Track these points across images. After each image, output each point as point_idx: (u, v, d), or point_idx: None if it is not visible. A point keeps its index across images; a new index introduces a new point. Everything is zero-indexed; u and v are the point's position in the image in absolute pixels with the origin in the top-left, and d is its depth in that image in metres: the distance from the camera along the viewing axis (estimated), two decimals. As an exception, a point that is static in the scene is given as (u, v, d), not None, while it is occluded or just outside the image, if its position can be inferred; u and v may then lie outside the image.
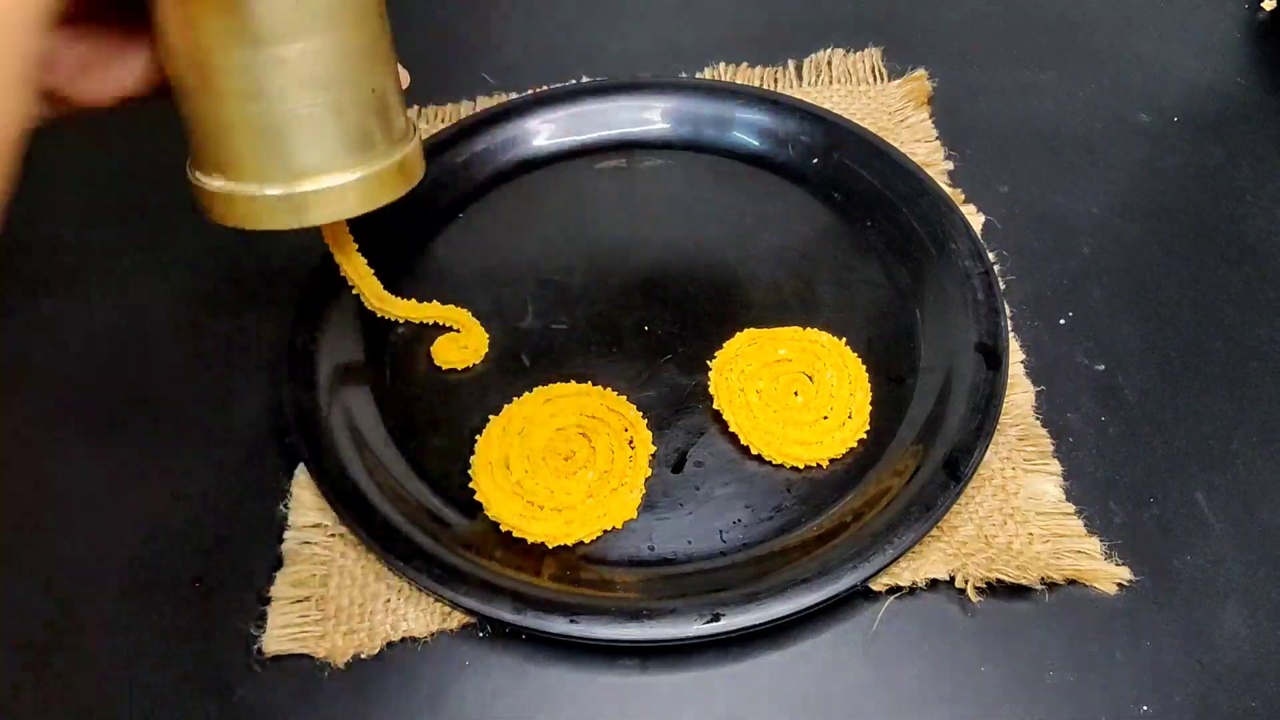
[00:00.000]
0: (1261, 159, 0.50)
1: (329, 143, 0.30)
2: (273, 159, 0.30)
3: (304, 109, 0.29)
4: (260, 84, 0.29)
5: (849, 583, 0.34)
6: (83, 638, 0.36)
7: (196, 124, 0.30)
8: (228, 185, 0.31)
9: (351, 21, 0.30)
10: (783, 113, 0.50)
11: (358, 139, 0.31)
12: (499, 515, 0.37)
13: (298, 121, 0.30)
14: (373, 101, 0.31)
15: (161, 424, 0.42)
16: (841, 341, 0.42)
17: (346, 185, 0.31)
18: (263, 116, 0.29)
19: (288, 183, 0.30)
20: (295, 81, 0.29)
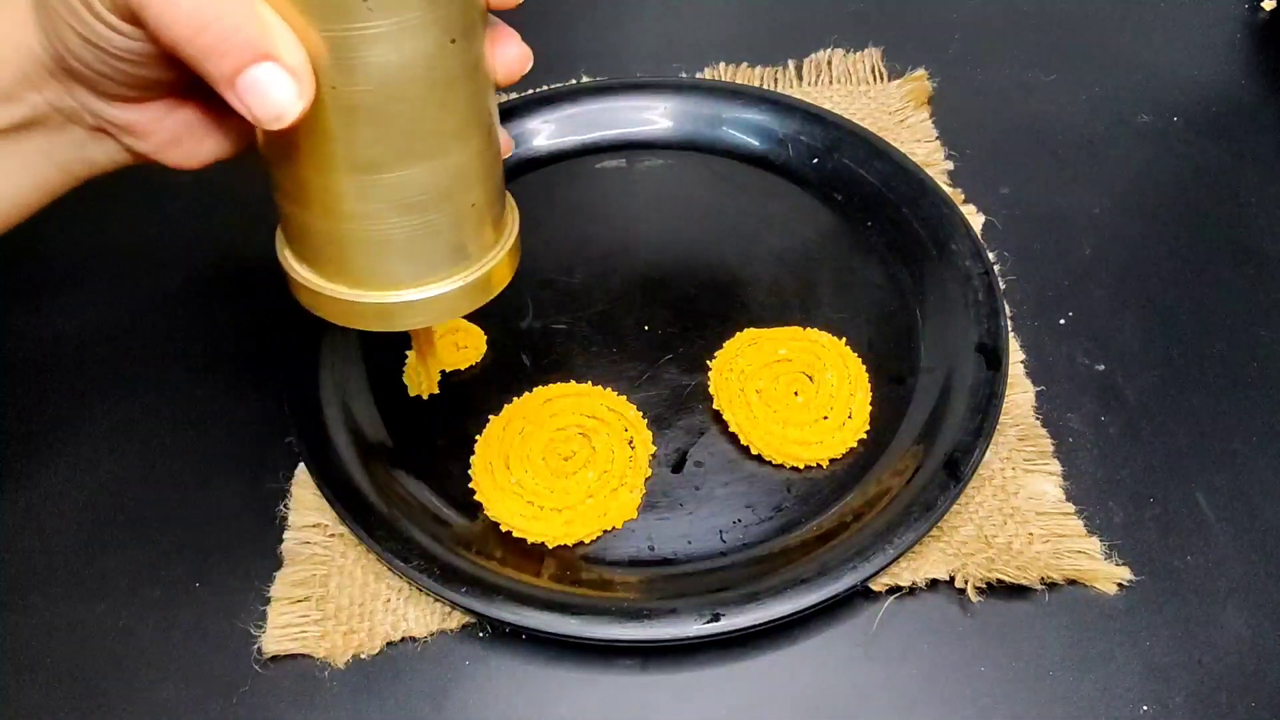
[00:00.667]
0: (1262, 159, 0.50)
1: (421, 260, 0.30)
2: (363, 271, 0.30)
3: (398, 231, 0.29)
4: (353, 205, 0.28)
5: (849, 583, 0.34)
6: (83, 638, 0.36)
7: (289, 219, 0.30)
8: (317, 281, 0.30)
9: (455, 146, 0.28)
10: (783, 113, 0.50)
11: (452, 253, 0.30)
12: (499, 515, 0.37)
13: (390, 242, 0.29)
14: (471, 216, 0.30)
15: (161, 424, 0.42)
16: (841, 341, 0.42)
17: (437, 298, 0.30)
18: (355, 233, 0.29)
19: (378, 293, 0.30)
20: (392, 206, 0.28)
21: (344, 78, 0.25)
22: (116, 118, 0.29)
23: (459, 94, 0.28)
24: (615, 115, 0.51)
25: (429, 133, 0.28)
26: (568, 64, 0.55)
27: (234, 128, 0.30)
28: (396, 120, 0.27)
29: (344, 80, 0.25)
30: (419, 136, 0.27)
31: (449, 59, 0.27)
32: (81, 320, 0.46)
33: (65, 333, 0.46)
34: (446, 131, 0.28)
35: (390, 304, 0.30)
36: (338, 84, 0.26)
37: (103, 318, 0.46)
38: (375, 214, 0.28)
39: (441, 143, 0.28)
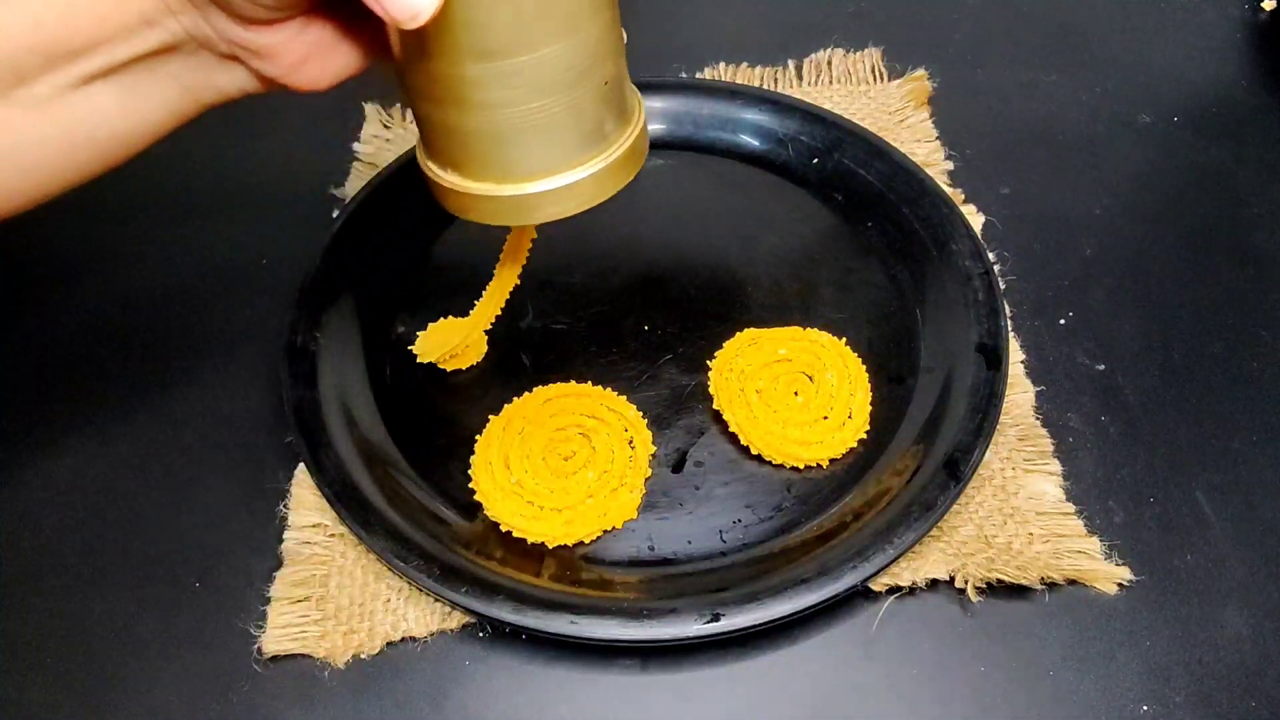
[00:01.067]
0: (1262, 159, 0.50)
1: (564, 143, 0.30)
2: (508, 162, 0.30)
3: (539, 115, 0.29)
4: (494, 94, 0.28)
5: (849, 583, 0.34)
6: (83, 638, 0.36)
7: (429, 124, 0.30)
8: (462, 182, 0.30)
9: (586, 21, 0.28)
10: (783, 113, 0.50)
11: (592, 133, 0.30)
12: (499, 515, 0.37)
13: (533, 127, 0.29)
14: (606, 93, 0.30)
15: (161, 423, 0.42)
16: (841, 341, 0.42)
17: (581, 181, 0.30)
18: (497, 123, 0.29)
19: (522, 183, 0.30)
20: (529, 89, 0.28)
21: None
22: (250, 41, 0.30)
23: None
24: (615, 115, 0.51)
25: (562, 10, 0.27)
26: (568, 64, 0.55)
27: (362, 41, 0.31)
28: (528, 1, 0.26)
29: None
30: (552, 15, 0.27)
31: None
32: (81, 320, 0.46)
33: (65, 332, 0.46)
34: (579, 7, 0.28)
35: (536, 193, 0.30)
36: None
37: (102, 317, 0.46)
38: (515, 99, 0.28)
39: (574, 19, 0.28)
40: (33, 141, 0.29)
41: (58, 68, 0.28)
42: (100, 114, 0.30)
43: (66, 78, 0.29)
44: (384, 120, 0.53)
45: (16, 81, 0.28)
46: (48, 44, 0.28)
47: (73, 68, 0.29)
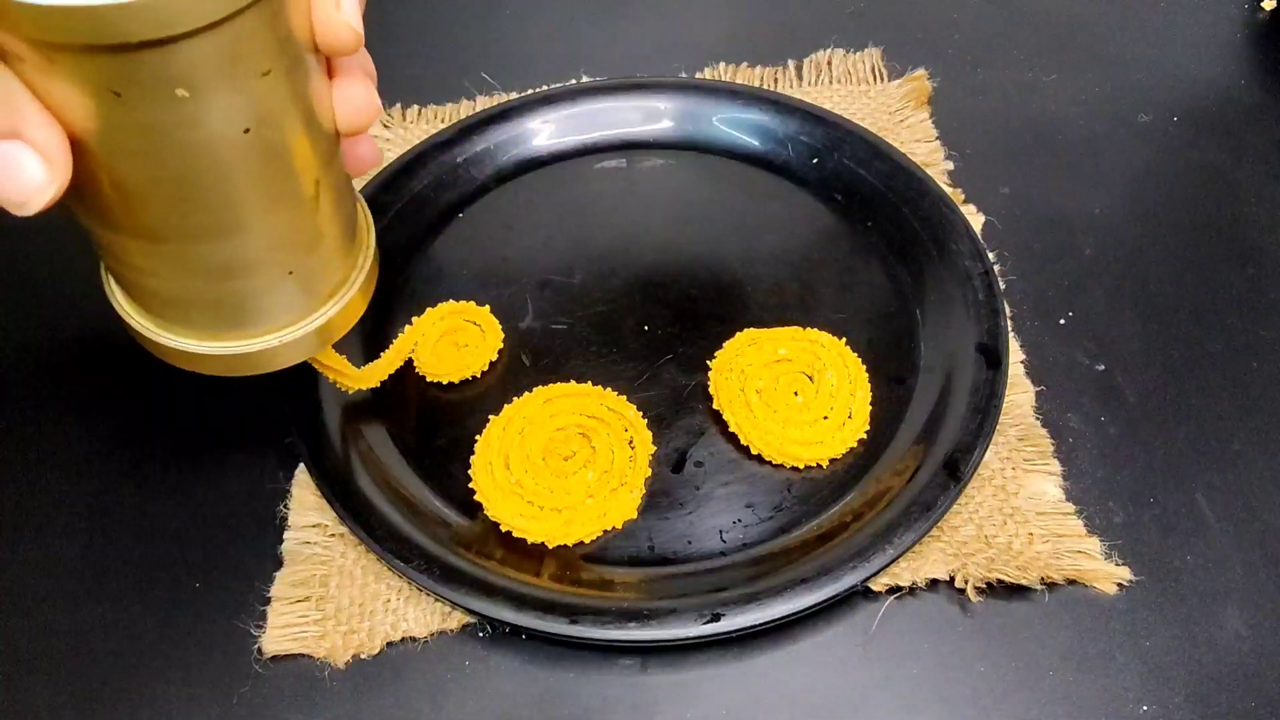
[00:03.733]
0: (1262, 159, 0.50)
1: (233, 320, 0.28)
2: (164, 317, 0.29)
3: (202, 294, 0.27)
4: (151, 266, 0.27)
5: (849, 583, 0.34)
6: (83, 638, 0.36)
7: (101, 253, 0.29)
8: (131, 313, 0.29)
9: (256, 221, 0.26)
10: (783, 113, 0.50)
11: (268, 313, 0.29)
12: (499, 515, 0.37)
13: (196, 302, 0.28)
14: (288, 282, 0.28)
15: (161, 423, 0.42)
16: (841, 341, 0.42)
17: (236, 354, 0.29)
18: (155, 289, 0.28)
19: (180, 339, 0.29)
20: (187, 271, 0.26)
21: (115, 161, 0.23)
22: None
23: (258, 176, 0.25)
24: (615, 115, 0.51)
25: (219, 213, 0.25)
26: (568, 64, 0.55)
27: None
28: (179, 203, 0.24)
29: (115, 161, 0.23)
30: (208, 216, 0.25)
31: (237, 150, 0.24)
32: (81, 320, 0.46)
33: (64, 332, 0.46)
34: (244, 210, 0.25)
35: (192, 352, 0.29)
36: (110, 164, 0.23)
37: (102, 317, 0.46)
38: (171, 276, 0.27)
39: (237, 221, 0.25)
40: None
41: None
42: None
43: None
44: (384, 120, 0.53)
45: None
46: None
47: None
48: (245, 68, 0.22)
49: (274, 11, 0.22)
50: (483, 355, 0.43)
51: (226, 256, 0.26)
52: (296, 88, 0.24)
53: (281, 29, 0.23)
